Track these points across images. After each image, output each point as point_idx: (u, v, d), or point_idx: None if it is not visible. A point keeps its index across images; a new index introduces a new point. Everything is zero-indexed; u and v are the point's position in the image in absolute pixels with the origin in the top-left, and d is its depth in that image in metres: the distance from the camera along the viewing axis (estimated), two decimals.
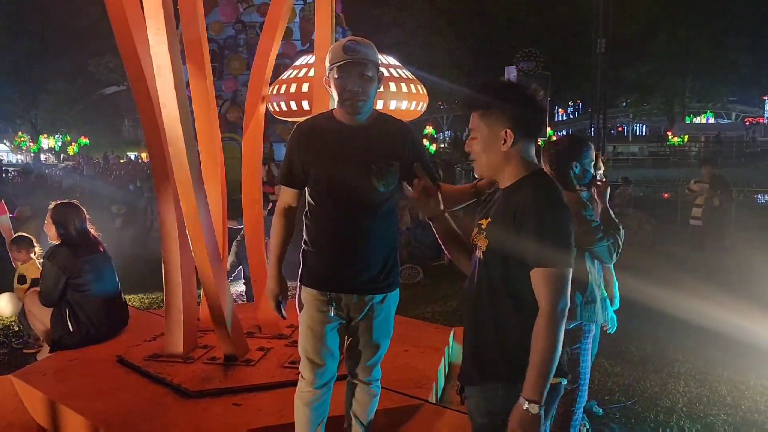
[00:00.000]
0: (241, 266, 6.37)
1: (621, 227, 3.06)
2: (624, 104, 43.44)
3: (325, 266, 2.48)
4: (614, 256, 2.99)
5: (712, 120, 44.52)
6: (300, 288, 2.54)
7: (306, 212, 2.53)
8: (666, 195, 18.30)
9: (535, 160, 1.95)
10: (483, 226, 1.94)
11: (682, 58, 32.49)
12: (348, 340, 2.59)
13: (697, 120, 44.52)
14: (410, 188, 2.39)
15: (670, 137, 39.69)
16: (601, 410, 3.89)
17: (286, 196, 2.54)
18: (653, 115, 42.21)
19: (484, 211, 2.00)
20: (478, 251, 1.94)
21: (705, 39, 31.51)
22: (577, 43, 26.52)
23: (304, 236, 2.54)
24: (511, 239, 1.81)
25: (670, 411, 3.99)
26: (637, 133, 49.18)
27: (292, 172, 2.49)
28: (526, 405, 1.75)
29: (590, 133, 16.58)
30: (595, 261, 3.00)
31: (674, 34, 30.67)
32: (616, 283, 3.62)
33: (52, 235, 4.36)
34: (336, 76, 2.34)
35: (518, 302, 1.85)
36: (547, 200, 1.82)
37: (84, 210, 4.44)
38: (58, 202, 4.46)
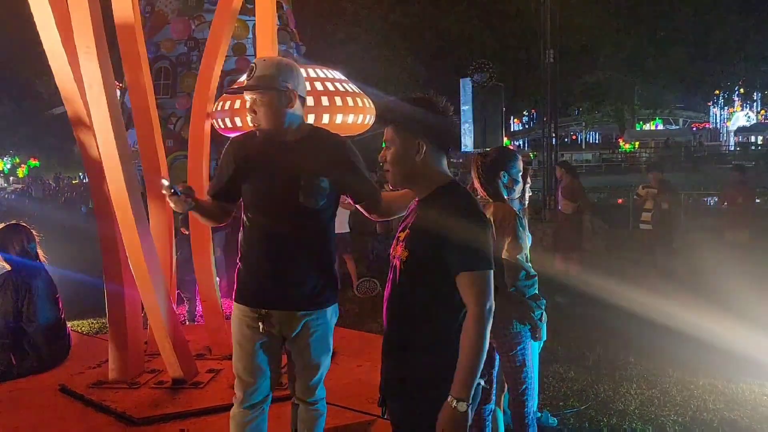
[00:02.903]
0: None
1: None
2: (576, 113, 44.47)
3: (254, 282, 2.46)
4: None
5: (661, 126, 45.96)
6: (234, 304, 2.51)
7: (240, 228, 2.51)
8: (620, 200, 18.75)
9: (448, 172, 2.01)
10: (401, 238, 1.97)
11: (629, 67, 33.49)
12: (287, 360, 2.54)
13: (647, 127, 45.89)
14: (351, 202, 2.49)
15: (621, 144, 40.79)
16: (556, 420, 3.91)
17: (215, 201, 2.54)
18: (605, 123, 43.33)
19: (402, 224, 2.03)
20: (397, 262, 1.95)
21: (650, 48, 32.56)
22: (528, 55, 27.06)
23: (240, 254, 2.51)
24: (432, 248, 1.85)
25: (623, 414, 4.04)
26: (590, 141, 50.34)
27: (221, 186, 2.49)
28: (454, 403, 1.78)
29: (544, 142, 16.86)
30: (527, 232, 3.11)
31: (620, 44, 31.60)
32: None
33: None
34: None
35: (440, 308, 1.89)
36: (464, 208, 1.88)
37: (30, 231, 4.28)
38: (1, 226, 4.27)
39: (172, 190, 2.28)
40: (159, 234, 3.81)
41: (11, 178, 39.54)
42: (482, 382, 1.88)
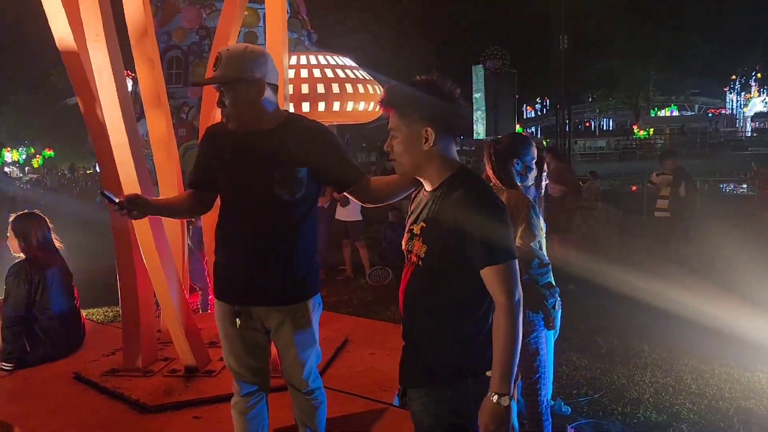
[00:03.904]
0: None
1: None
2: (590, 99, 44.04)
3: (230, 278, 2.40)
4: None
5: (676, 113, 45.45)
6: (215, 300, 2.49)
7: (216, 224, 2.45)
8: (634, 188, 18.59)
9: (457, 158, 1.94)
10: (416, 232, 1.91)
11: (644, 53, 33.07)
12: (278, 352, 2.52)
13: (662, 113, 45.40)
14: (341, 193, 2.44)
15: (635, 131, 40.38)
16: (569, 408, 3.89)
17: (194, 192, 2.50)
18: (619, 110, 42.92)
19: (415, 216, 1.97)
20: (414, 257, 1.91)
21: (665, 33, 32.12)
22: (541, 41, 26.79)
23: (215, 247, 2.46)
24: (452, 243, 1.80)
25: (637, 402, 4.01)
26: (604, 128, 49.89)
27: (199, 176, 2.44)
28: (496, 398, 1.75)
29: (557, 129, 16.73)
30: (540, 219, 3.08)
31: (635, 29, 31.20)
32: None
33: (14, 248, 4.17)
34: None
35: (463, 302, 1.86)
36: (481, 199, 1.83)
37: (47, 220, 4.29)
38: (19, 213, 4.27)
39: (114, 205, 2.20)
40: (171, 223, 3.81)
41: (26, 168, 39.93)
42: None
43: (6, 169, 39.24)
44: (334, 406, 2.86)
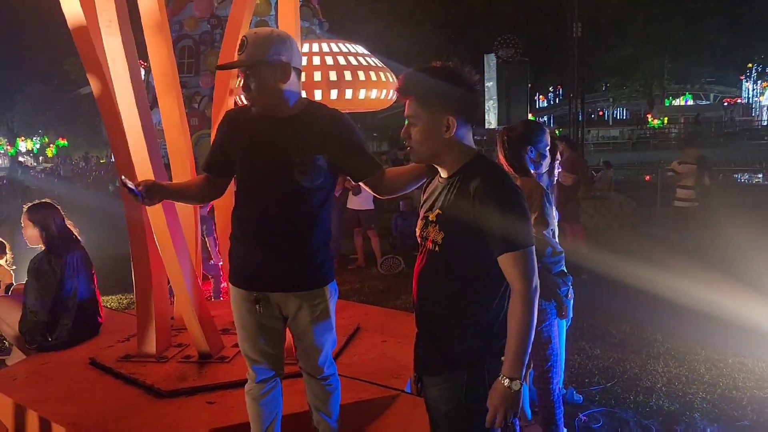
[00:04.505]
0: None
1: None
2: (604, 88, 43.64)
3: (248, 264, 2.39)
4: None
5: (691, 102, 44.95)
6: (230, 286, 2.49)
7: (233, 210, 2.44)
8: (647, 177, 18.46)
9: (473, 145, 1.93)
10: (432, 219, 1.90)
11: (659, 41, 32.68)
12: (293, 338, 2.53)
13: (677, 102, 44.91)
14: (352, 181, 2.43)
15: (650, 120, 39.99)
16: (581, 397, 3.88)
17: (208, 177, 2.48)
18: (633, 99, 42.49)
19: (430, 203, 1.95)
20: (429, 243, 1.90)
21: (681, 20, 31.68)
22: (554, 29, 26.53)
23: (231, 233, 2.46)
24: (469, 230, 1.80)
25: (649, 391, 4.00)
26: (618, 117, 49.45)
27: (215, 161, 2.43)
28: (507, 382, 1.76)
29: (570, 119, 16.61)
30: (553, 207, 3.08)
31: (650, 17, 30.82)
32: None
33: (31, 238, 4.15)
34: None
35: (480, 288, 1.86)
36: (502, 185, 1.82)
37: (59, 208, 4.30)
38: (33, 203, 4.26)
39: (131, 191, 2.19)
40: (184, 211, 3.83)
41: (40, 158, 40.25)
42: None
43: (20, 159, 39.62)
44: (346, 393, 2.88)
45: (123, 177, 2.22)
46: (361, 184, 2.48)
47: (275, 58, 2.23)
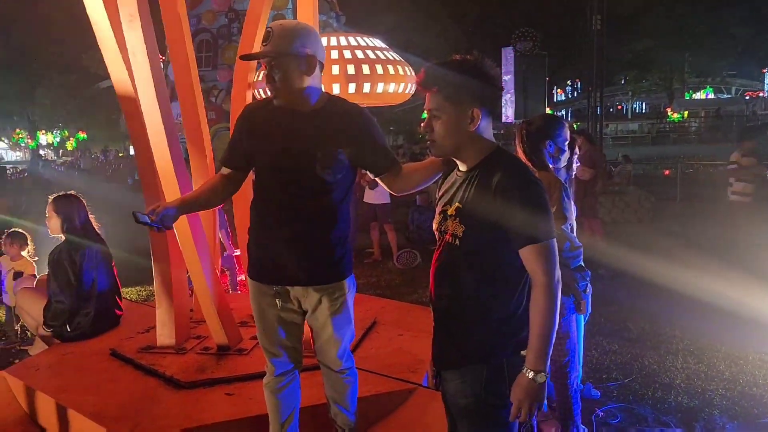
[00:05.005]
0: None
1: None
2: (623, 82, 43.17)
3: (268, 258, 2.39)
4: None
5: (711, 95, 44.29)
6: (248, 280, 2.49)
7: (251, 204, 2.44)
8: (666, 172, 18.26)
9: (493, 138, 1.92)
10: (451, 213, 1.89)
11: (679, 33, 32.22)
12: (311, 331, 2.54)
13: (697, 96, 44.30)
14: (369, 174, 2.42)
15: (669, 114, 39.51)
16: (598, 393, 3.87)
17: (224, 171, 2.46)
18: (652, 92, 41.99)
19: (449, 197, 1.95)
20: (448, 237, 1.90)
21: (701, 12, 31.21)
22: (573, 22, 26.28)
23: (250, 227, 2.46)
24: (490, 223, 1.79)
25: (668, 387, 3.97)
26: (637, 111, 48.93)
27: (235, 154, 2.42)
28: (531, 375, 1.77)
29: (588, 112, 16.46)
30: (571, 202, 3.06)
31: (670, 9, 30.39)
32: None
33: (54, 228, 4.21)
34: None
35: (500, 282, 1.86)
36: (523, 177, 1.81)
37: (84, 201, 4.35)
38: (58, 194, 4.31)
39: (146, 224, 2.17)
40: None
41: (60, 151, 40.70)
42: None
43: (41, 152, 40.09)
44: (363, 386, 2.89)
45: (135, 212, 2.18)
46: (377, 179, 2.48)
47: (301, 50, 2.23)
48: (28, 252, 5.24)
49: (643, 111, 48.67)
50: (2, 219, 5.41)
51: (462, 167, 1.93)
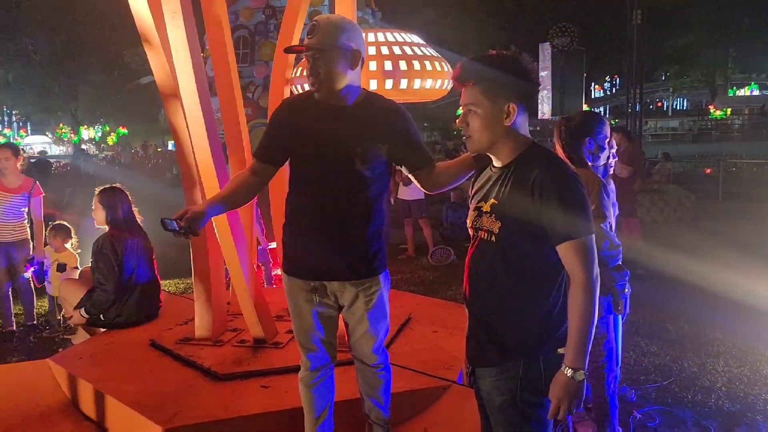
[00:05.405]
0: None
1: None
2: (663, 78, 42.20)
3: (305, 254, 2.40)
4: None
5: (756, 92, 43.00)
6: (284, 276, 2.50)
7: (287, 199, 2.45)
8: (708, 170, 17.83)
9: (529, 135, 1.91)
10: (486, 210, 1.88)
11: (723, 28, 31.31)
12: (345, 327, 2.55)
13: (741, 92, 43.06)
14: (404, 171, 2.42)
15: (711, 111, 38.51)
16: (636, 395, 3.80)
17: (256, 166, 2.43)
18: (694, 89, 40.94)
19: (483, 194, 1.93)
20: (483, 233, 1.89)
21: (747, 6, 30.26)
22: (612, 16, 25.75)
23: (285, 223, 2.46)
24: (528, 219, 1.78)
25: (708, 391, 3.88)
26: (677, 108, 47.80)
27: (270, 147, 2.40)
28: (570, 372, 1.76)
29: (627, 109, 16.13)
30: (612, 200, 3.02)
31: (714, 2, 29.54)
32: None
33: (99, 219, 4.32)
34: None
35: (537, 279, 1.84)
36: (561, 173, 1.80)
37: (128, 194, 4.47)
38: (104, 186, 4.44)
39: (175, 231, 2.17)
40: None
41: (102, 146, 41.68)
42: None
43: (83, 147, 41.12)
44: (397, 382, 2.89)
45: (163, 219, 2.18)
46: (410, 176, 2.48)
47: (347, 44, 2.25)
48: (72, 244, 5.38)
49: (684, 108, 47.54)
50: (47, 212, 5.52)
51: (497, 163, 1.92)
